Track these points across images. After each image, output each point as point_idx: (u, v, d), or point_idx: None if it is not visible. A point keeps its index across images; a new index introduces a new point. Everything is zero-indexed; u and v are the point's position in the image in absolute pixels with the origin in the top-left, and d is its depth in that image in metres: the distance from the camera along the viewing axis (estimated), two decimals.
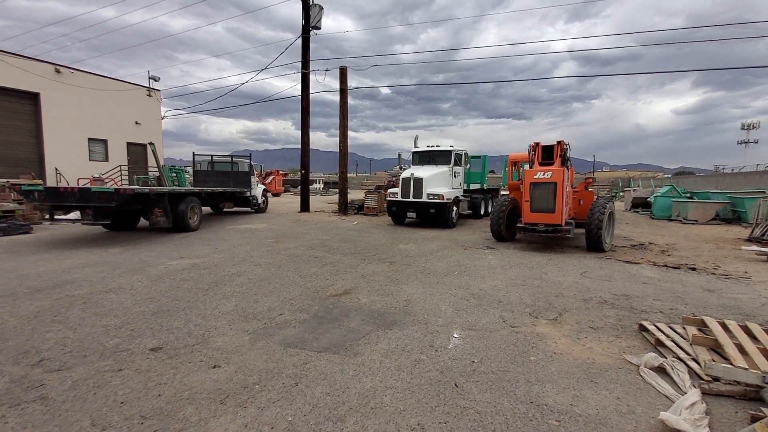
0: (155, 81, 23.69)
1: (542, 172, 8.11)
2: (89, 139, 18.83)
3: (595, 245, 8.22)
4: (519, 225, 8.63)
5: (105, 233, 10.22)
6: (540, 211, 8.20)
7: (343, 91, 15.86)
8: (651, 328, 3.84)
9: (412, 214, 12.09)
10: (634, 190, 22.25)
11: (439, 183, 12.09)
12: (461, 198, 12.99)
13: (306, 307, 4.60)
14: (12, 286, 5.24)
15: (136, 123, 21.13)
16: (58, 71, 17.29)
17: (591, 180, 10.28)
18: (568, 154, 8.52)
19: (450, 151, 12.78)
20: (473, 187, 14.89)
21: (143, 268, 6.36)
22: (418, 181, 11.74)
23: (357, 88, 19.12)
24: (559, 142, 8.48)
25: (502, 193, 17.51)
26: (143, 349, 3.39)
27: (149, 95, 22.14)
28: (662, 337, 3.62)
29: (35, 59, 16.96)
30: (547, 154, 8.66)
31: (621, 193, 29.06)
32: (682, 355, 3.31)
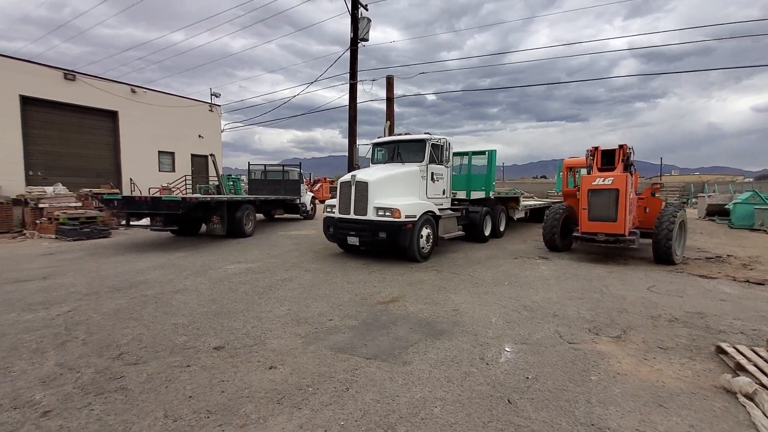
0: (216, 97, 25.54)
1: (602, 178, 7.63)
2: (159, 151, 20.66)
3: (663, 257, 7.57)
4: (576, 234, 8.17)
5: (172, 238, 11.11)
6: (599, 219, 7.72)
7: (390, 99, 16.07)
8: (730, 350, 3.46)
9: (354, 240, 7.70)
10: (708, 196, 20.20)
11: (399, 189, 7.87)
12: (443, 214, 8.60)
13: (354, 314, 4.68)
14: (95, 286, 5.86)
15: (199, 136, 22.86)
16: (133, 91, 19.22)
17: (658, 186, 9.50)
18: (631, 159, 7.96)
19: (423, 141, 8.49)
20: (475, 195, 10.80)
21: (205, 271, 6.83)
22: (361, 188, 7.57)
23: (403, 96, 19.49)
24: (621, 146, 7.95)
25: (526, 202, 14.11)
26: (207, 348, 3.64)
27: (211, 110, 23.90)
28: (743, 361, 3.24)
29: (115, 81, 18.99)
30: (607, 158, 8.16)
31: (693, 200, 26.52)
32: (765, 380, 2.94)
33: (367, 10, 16.21)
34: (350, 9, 15.94)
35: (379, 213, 7.34)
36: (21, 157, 14.73)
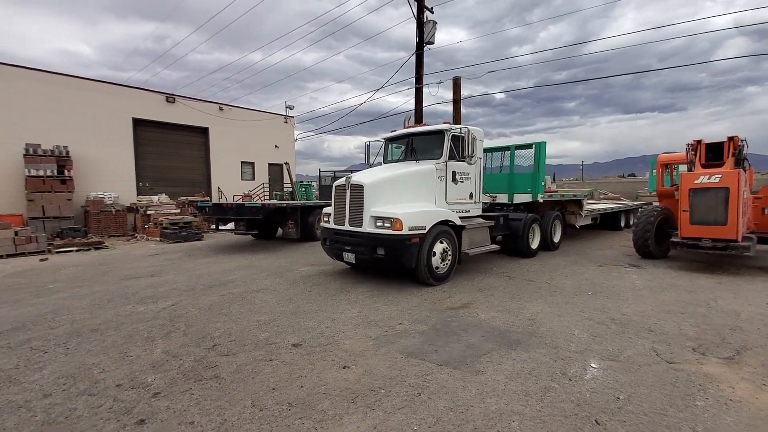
0: (290, 109, 27.31)
1: (707, 176, 6.69)
2: (241, 162, 22.64)
3: None
4: (674, 240, 7.23)
5: (253, 241, 12.08)
6: (704, 223, 6.76)
7: (456, 101, 15.82)
8: None
9: (349, 256, 6.33)
10: None
11: (408, 194, 6.40)
12: (469, 223, 7.00)
13: (424, 318, 4.65)
14: (191, 283, 6.58)
15: (275, 146, 24.61)
16: (221, 109, 21.34)
17: None
18: (744, 153, 6.87)
19: (441, 133, 6.97)
20: (520, 198, 8.98)
21: (282, 273, 7.30)
22: (357, 192, 6.22)
23: (470, 96, 19.07)
24: (731, 138, 6.91)
25: (595, 205, 12.17)
26: (287, 344, 3.88)
27: (285, 122, 25.62)
28: None
29: (206, 101, 21.27)
30: (713, 153, 7.14)
31: None
32: None
33: (432, 12, 16.18)
34: (416, 14, 16.03)
35: (378, 224, 5.87)
36: (133, 171, 17.14)
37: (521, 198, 9.01)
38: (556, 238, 9.62)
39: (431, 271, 6.13)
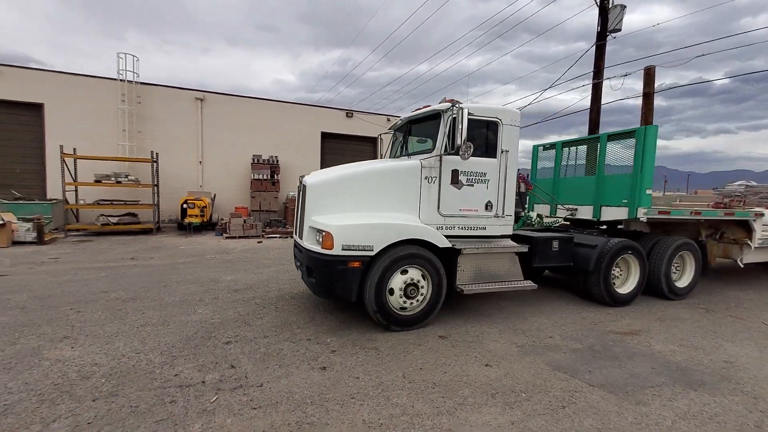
0: None
1: None
2: None
3: None
4: None
5: None
6: None
7: (648, 95, 13.46)
8: None
9: (302, 275, 4.93)
10: None
11: (371, 200, 4.64)
12: (470, 247, 4.70)
13: (579, 337, 4.34)
14: None
15: None
16: (388, 120, 23.76)
17: None
18: None
19: (437, 115, 4.92)
20: (610, 214, 6.18)
21: None
22: (304, 195, 4.84)
23: (674, 86, 15.22)
24: None
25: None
26: (434, 335, 4.27)
27: None
28: None
29: (376, 113, 24.03)
30: None
31: None
32: None
33: None
34: (598, 0, 14.43)
35: (317, 238, 4.34)
36: None
37: (612, 213, 6.15)
38: (682, 282, 6.19)
39: (384, 311, 4.26)
